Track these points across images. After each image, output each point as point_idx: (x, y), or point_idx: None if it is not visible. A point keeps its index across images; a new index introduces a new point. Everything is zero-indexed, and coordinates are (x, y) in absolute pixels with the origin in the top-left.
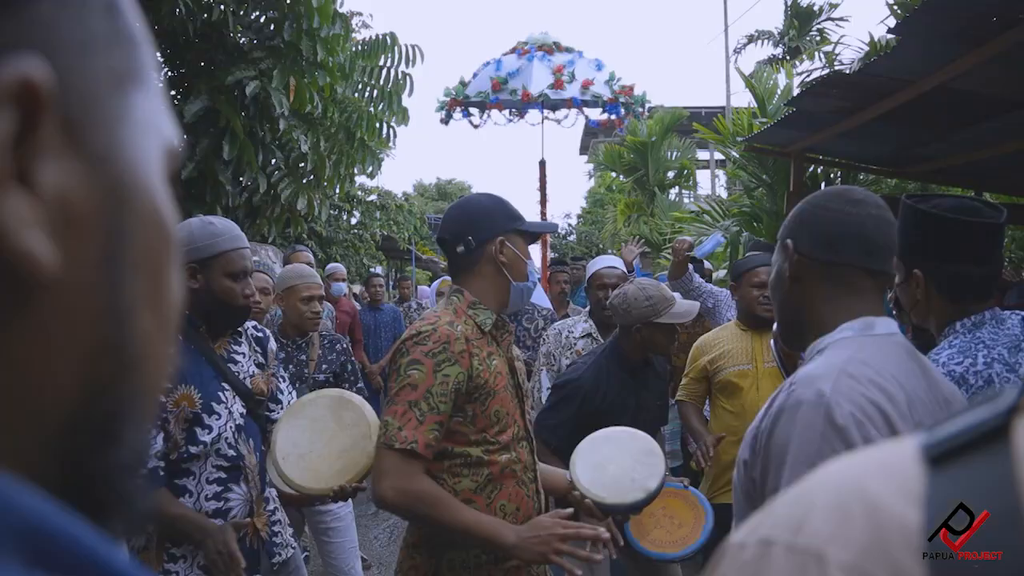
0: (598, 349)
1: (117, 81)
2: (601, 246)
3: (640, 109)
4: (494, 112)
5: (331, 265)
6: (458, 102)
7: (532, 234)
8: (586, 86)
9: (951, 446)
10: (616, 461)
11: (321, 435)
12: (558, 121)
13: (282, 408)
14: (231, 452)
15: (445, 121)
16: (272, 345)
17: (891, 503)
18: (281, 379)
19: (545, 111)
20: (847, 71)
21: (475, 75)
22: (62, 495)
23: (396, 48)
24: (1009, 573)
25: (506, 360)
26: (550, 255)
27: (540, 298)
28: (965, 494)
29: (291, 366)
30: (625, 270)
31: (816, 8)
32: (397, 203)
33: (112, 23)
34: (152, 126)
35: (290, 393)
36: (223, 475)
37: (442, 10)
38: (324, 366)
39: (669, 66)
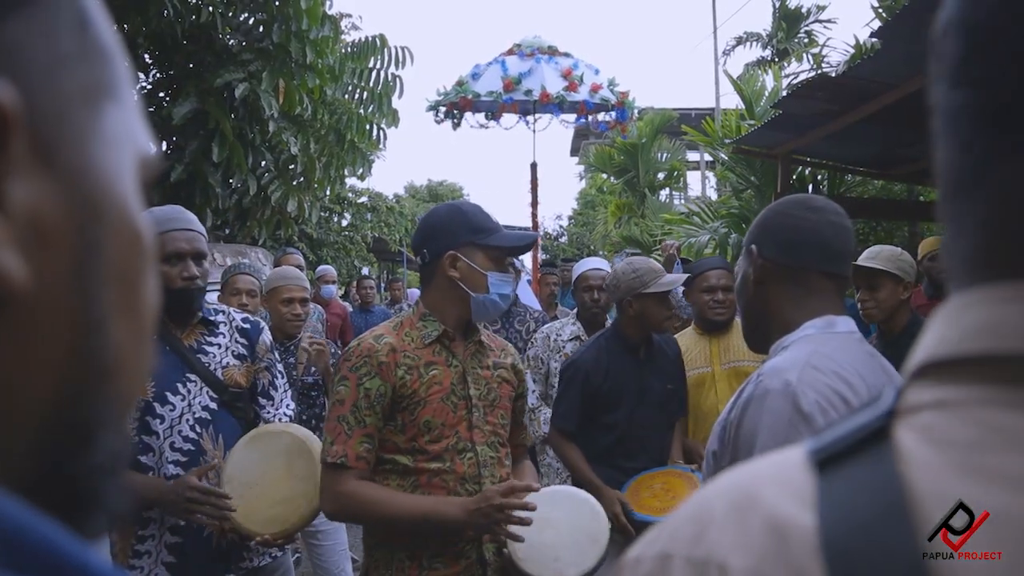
0: (600, 332)
1: (89, 96)
2: (592, 247)
3: (629, 114)
4: (475, 116)
5: (321, 268)
6: (468, 101)
7: (504, 247)
8: (595, 90)
9: (836, 450)
10: (558, 529)
11: (269, 474)
12: (567, 124)
13: (274, 406)
14: (187, 445)
15: (457, 124)
16: (265, 338)
17: (786, 508)
18: (277, 375)
19: (561, 115)
20: (833, 74)
21: (474, 75)
22: (39, 496)
23: (386, 50)
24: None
25: (458, 371)
26: (541, 257)
27: (530, 300)
28: (853, 495)
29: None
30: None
31: (804, 11)
32: (388, 205)
33: (83, 39)
34: (125, 138)
35: (285, 391)
36: (180, 470)
37: (431, 12)
38: (312, 368)
39: (658, 68)
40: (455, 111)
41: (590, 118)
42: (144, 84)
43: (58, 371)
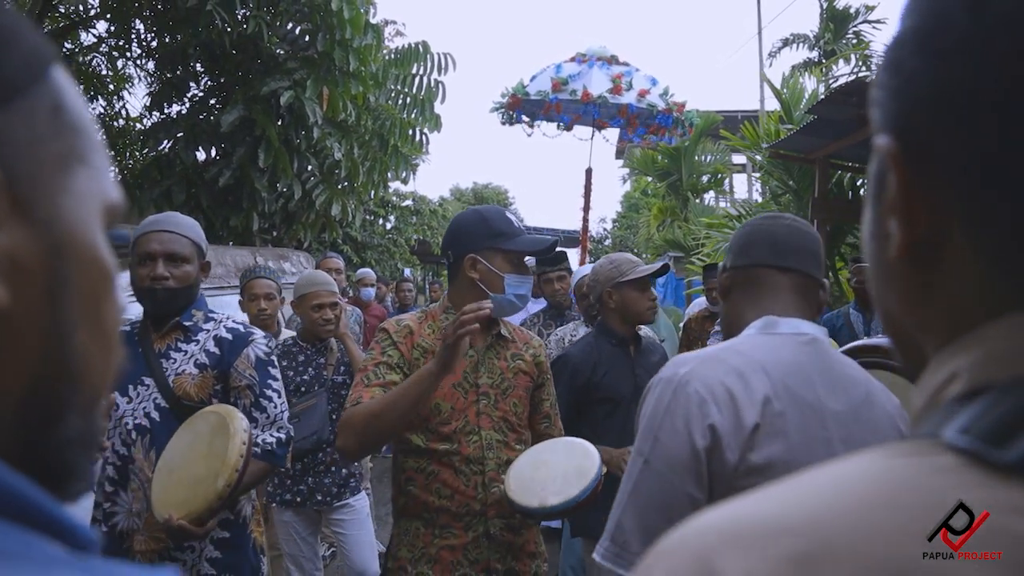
0: (588, 331)
1: (60, 163)
2: (636, 250)
3: (688, 127)
4: (543, 123)
5: (360, 271)
6: (518, 100)
7: (520, 251)
8: (643, 95)
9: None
10: (551, 466)
11: (190, 456)
12: (606, 139)
13: (258, 427)
14: (122, 450)
15: (506, 122)
16: (250, 352)
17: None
18: (266, 396)
19: (598, 128)
20: (868, 79)
21: (534, 77)
22: (21, 465)
23: (428, 56)
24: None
25: (472, 361)
26: (588, 260)
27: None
28: None
29: (311, 368)
30: None
31: (852, 11)
32: (431, 208)
33: (56, 121)
34: (92, 192)
35: (280, 413)
36: (114, 475)
37: (473, 19)
38: (343, 368)
39: (703, 70)
40: (525, 114)
41: (652, 135)
42: (196, 92)
43: (31, 368)
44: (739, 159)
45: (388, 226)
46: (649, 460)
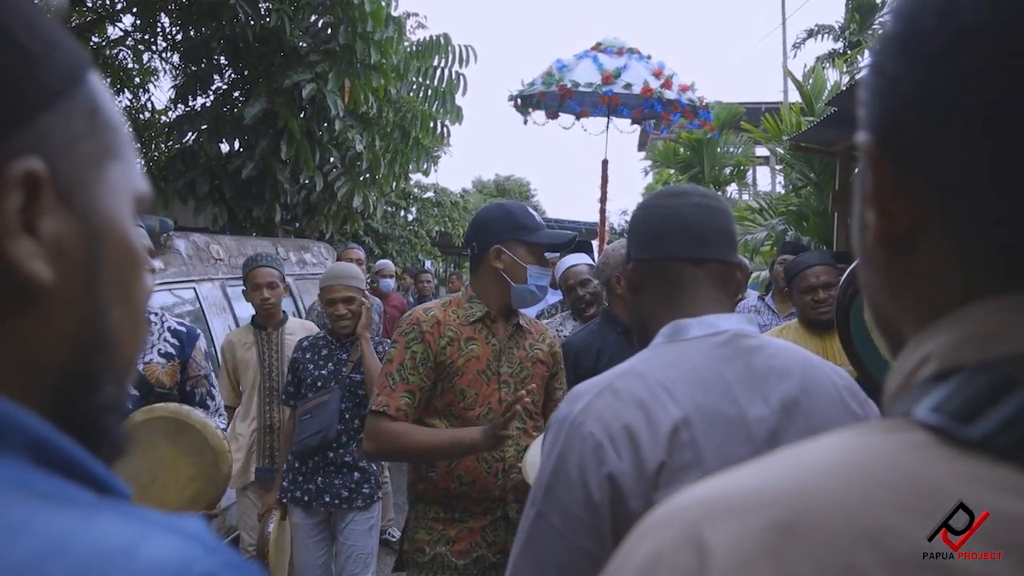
0: (593, 319)
1: (96, 159)
2: None
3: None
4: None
5: (380, 262)
6: (568, 91)
7: (544, 244)
8: (684, 90)
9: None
10: None
11: (161, 462)
12: (657, 131)
13: (209, 413)
14: None
15: (554, 115)
16: (201, 344)
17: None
18: (214, 386)
19: (648, 120)
20: None
21: (562, 67)
22: (61, 428)
23: (450, 48)
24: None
25: (495, 349)
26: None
27: None
28: None
29: (330, 364)
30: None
31: (879, 1)
32: (453, 200)
33: (92, 120)
34: (124, 185)
35: (218, 399)
36: None
37: (495, 11)
38: (363, 367)
39: (727, 61)
40: (545, 101)
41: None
42: (220, 85)
43: (71, 340)
44: (762, 151)
45: (409, 218)
46: (543, 512)
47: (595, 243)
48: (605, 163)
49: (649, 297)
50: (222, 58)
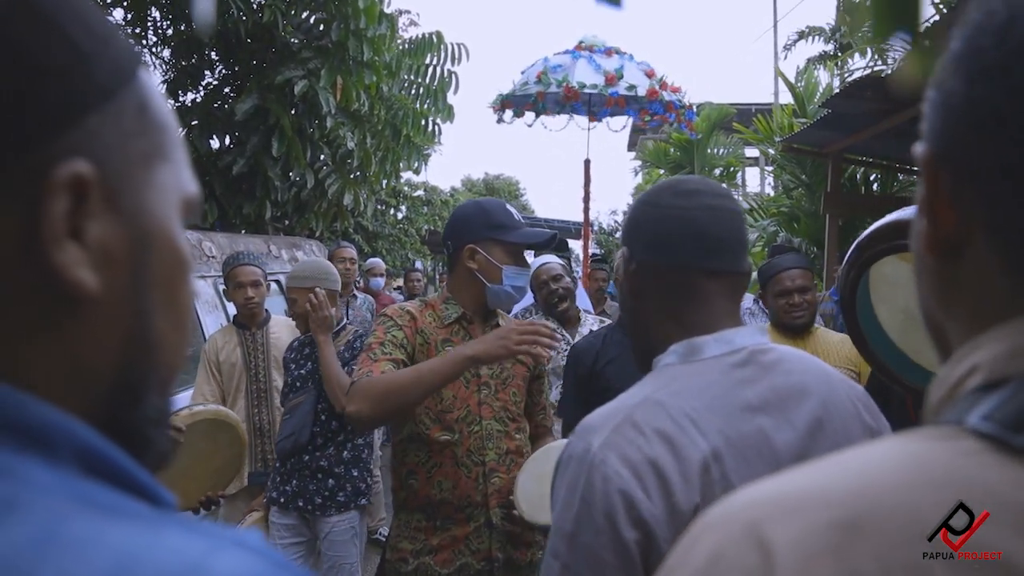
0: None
1: (145, 159)
2: None
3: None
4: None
5: (370, 261)
6: (575, 93)
7: (519, 243)
8: (675, 91)
9: None
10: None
11: (196, 458)
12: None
13: None
14: None
15: (540, 112)
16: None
17: None
18: None
19: (640, 116)
20: (884, 73)
21: (556, 67)
22: (105, 435)
23: (442, 47)
24: None
25: None
26: (593, 251)
27: (583, 300)
28: None
29: (309, 363)
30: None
31: (869, 3)
32: (443, 199)
33: (142, 119)
34: (172, 187)
35: None
36: None
37: (487, 9)
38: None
39: (717, 61)
40: (544, 102)
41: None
42: (211, 81)
43: (117, 348)
44: (752, 152)
45: (399, 216)
46: (569, 565)
47: (578, 243)
48: (587, 163)
49: (655, 306)
50: (213, 53)
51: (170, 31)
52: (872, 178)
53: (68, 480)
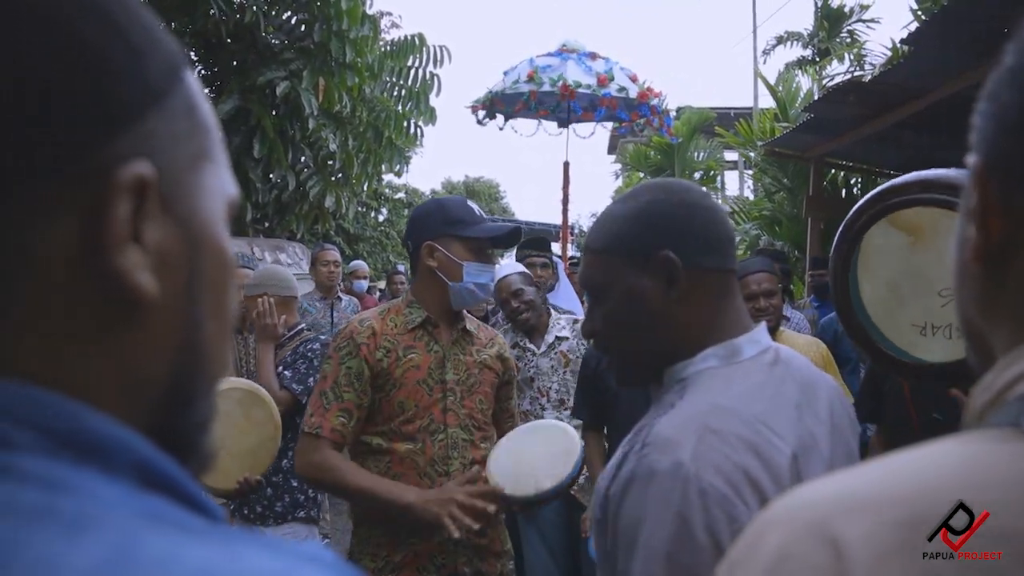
0: None
1: (194, 161)
2: None
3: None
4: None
5: (353, 263)
6: (571, 92)
7: (486, 238)
8: (656, 96)
9: None
10: (533, 453)
11: (231, 431)
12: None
13: None
14: None
15: (565, 123)
16: None
17: None
18: None
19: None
20: (866, 78)
21: (546, 67)
22: (155, 443)
23: (424, 49)
24: None
25: (438, 356)
26: (572, 254)
27: (572, 302)
28: None
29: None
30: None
31: (847, 10)
32: (423, 201)
33: (190, 120)
34: (218, 189)
35: None
36: None
37: (469, 11)
38: (279, 367)
39: (697, 66)
40: (536, 101)
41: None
42: None
43: (171, 355)
44: (731, 156)
45: (380, 218)
46: None
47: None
48: (566, 165)
49: (694, 310)
50: (194, 54)
51: None
52: (852, 182)
53: (130, 495)
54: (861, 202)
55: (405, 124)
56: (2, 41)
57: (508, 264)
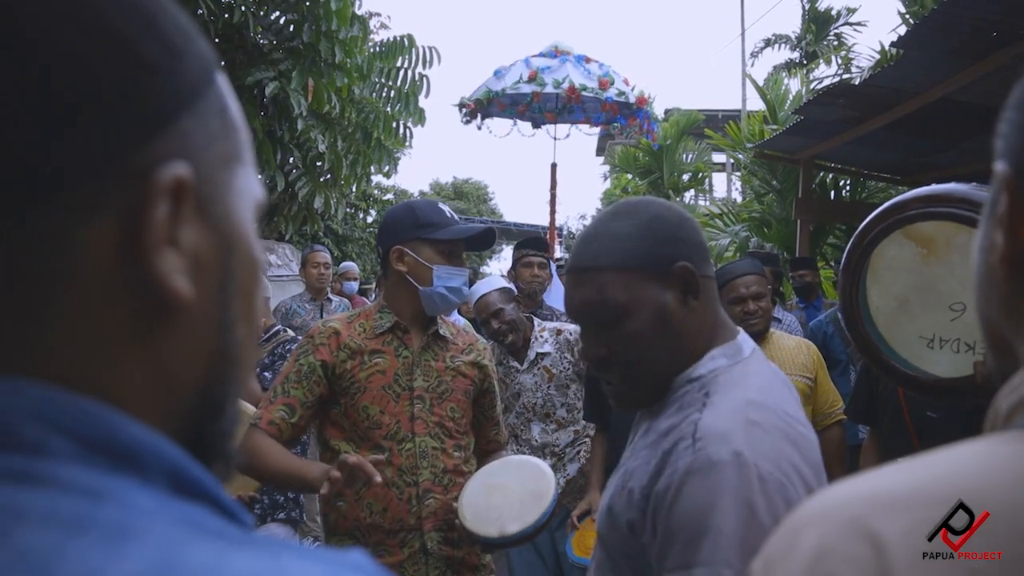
0: None
1: (226, 162)
2: None
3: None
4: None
5: (344, 264)
6: (577, 94)
7: (454, 240)
8: (642, 102)
9: None
10: (507, 490)
11: None
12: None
13: None
14: None
15: (536, 125)
16: None
17: None
18: None
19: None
20: (855, 81)
21: (544, 68)
22: (185, 449)
23: (413, 50)
24: None
25: (406, 361)
26: (560, 255)
27: (559, 300)
28: None
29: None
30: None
31: (834, 13)
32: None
33: (222, 121)
34: (248, 191)
35: None
36: None
37: (459, 12)
38: (256, 368)
39: (685, 68)
40: (540, 103)
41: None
42: None
43: (204, 361)
44: (718, 158)
45: (369, 220)
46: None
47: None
48: (554, 167)
49: (696, 317)
50: None
51: None
52: (841, 184)
53: (167, 503)
54: (876, 212)
55: (394, 125)
56: (46, 39)
57: (488, 280)
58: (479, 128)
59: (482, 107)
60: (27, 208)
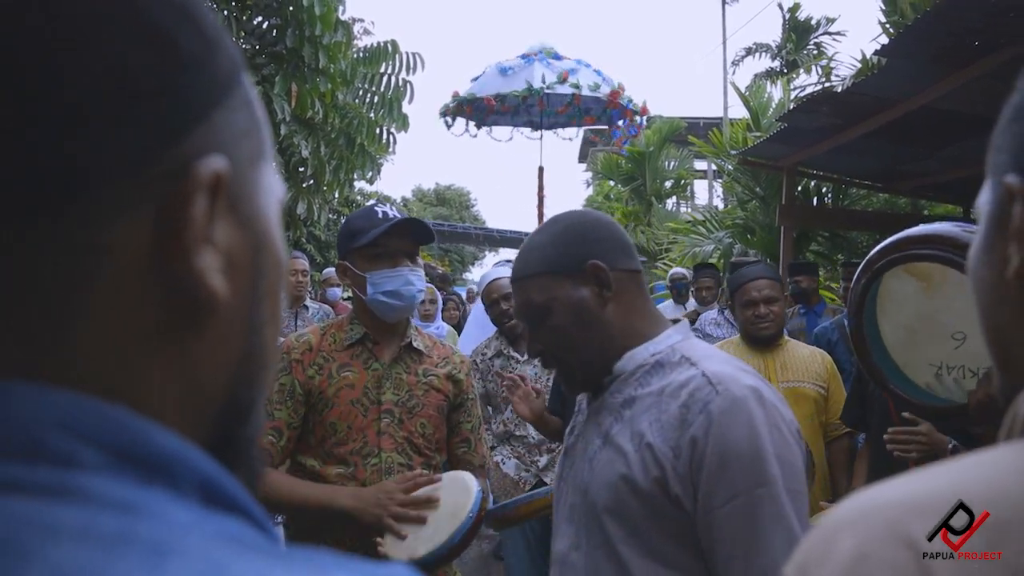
0: None
1: (254, 159)
2: None
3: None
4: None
5: (327, 270)
6: (579, 96)
7: (378, 242)
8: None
9: None
10: (433, 511)
11: None
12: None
13: None
14: None
15: (538, 127)
16: None
17: None
18: None
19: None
20: (837, 89)
21: (572, 71)
22: (213, 457)
23: (397, 55)
24: None
25: (376, 374)
26: None
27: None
28: None
29: None
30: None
31: (814, 22)
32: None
33: (247, 116)
34: (273, 188)
35: None
36: None
37: (442, 18)
38: None
39: (667, 76)
40: (547, 108)
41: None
42: None
43: (234, 365)
44: (700, 165)
45: None
46: (795, 490)
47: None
48: (541, 170)
49: (626, 308)
50: None
51: None
52: (824, 191)
53: (202, 516)
54: (878, 248)
55: (377, 131)
56: (85, 29)
57: (499, 266)
58: (474, 137)
59: (508, 109)
60: (55, 210)
